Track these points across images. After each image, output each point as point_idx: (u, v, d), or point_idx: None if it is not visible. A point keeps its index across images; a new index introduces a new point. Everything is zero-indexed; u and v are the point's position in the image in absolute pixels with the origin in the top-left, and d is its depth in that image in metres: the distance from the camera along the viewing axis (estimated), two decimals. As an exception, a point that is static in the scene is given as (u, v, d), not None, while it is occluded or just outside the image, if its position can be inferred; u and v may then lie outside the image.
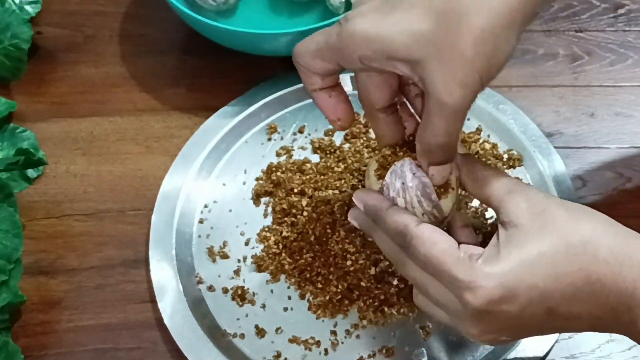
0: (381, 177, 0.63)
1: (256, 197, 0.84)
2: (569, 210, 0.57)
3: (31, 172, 0.86)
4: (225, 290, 0.78)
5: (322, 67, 0.60)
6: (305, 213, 0.80)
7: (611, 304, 0.55)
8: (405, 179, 0.60)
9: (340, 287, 0.76)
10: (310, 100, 0.90)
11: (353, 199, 0.64)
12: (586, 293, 0.55)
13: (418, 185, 0.60)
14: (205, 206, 0.84)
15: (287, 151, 0.88)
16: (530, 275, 0.54)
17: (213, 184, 0.86)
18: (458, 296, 0.56)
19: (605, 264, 0.54)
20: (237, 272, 0.80)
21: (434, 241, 0.57)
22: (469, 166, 0.62)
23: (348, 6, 0.92)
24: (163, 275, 0.78)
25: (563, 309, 0.55)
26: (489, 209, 0.82)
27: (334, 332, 0.76)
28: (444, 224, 0.63)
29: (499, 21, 0.54)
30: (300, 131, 0.90)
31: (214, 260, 0.81)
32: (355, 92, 0.64)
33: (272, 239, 0.81)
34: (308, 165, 0.85)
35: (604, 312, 0.55)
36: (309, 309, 0.77)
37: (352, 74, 0.72)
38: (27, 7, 0.99)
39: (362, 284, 0.75)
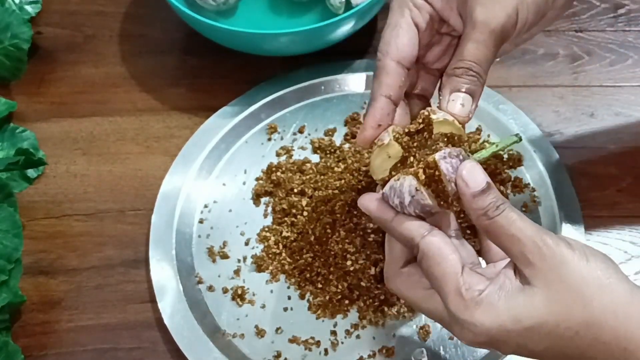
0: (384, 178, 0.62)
1: (256, 197, 0.84)
2: (585, 279, 0.54)
3: (31, 172, 0.86)
4: (225, 290, 0.78)
5: (403, 44, 0.62)
6: (305, 213, 0.80)
7: None
8: (404, 199, 0.59)
9: (340, 287, 0.76)
10: (310, 100, 0.91)
11: (358, 204, 0.63)
12: None
13: (417, 206, 0.58)
14: (205, 206, 0.84)
15: (287, 151, 0.88)
16: (519, 336, 0.54)
17: (213, 184, 0.86)
18: (449, 321, 0.57)
19: (606, 347, 0.53)
20: (237, 272, 0.80)
21: (439, 261, 0.56)
22: (478, 214, 0.57)
23: (348, 6, 0.92)
24: (163, 275, 0.78)
25: None
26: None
27: (334, 332, 0.76)
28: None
29: None
30: (300, 131, 0.90)
31: (214, 260, 0.81)
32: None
33: (272, 239, 0.81)
34: (308, 165, 0.85)
35: None
36: (309, 309, 0.77)
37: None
38: (27, 7, 0.99)
39: (362, 284, 0.75)
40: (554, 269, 0.54)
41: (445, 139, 0.60)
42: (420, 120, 0.61)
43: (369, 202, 0.62)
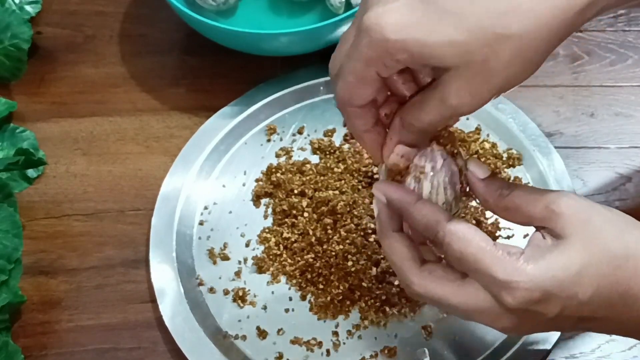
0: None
1: (256, 199, 0.84)
2: (612, 219, 0.56)
3: (31, 172, 0.86)
4: (226, 292, 0.78)
5: (365, 93, 0.57)
6: (305, 214, 0.80)
7: None
8: (436, 163, 0.59)
9: (341, 287, 0.76)
10: (309, 101, 0.91)
11: (373, 191, 0.61)
12: (621, 305, 0.55)
13: (447, 171, 0.59)
14: (205, 208, 0.84)
15: (287, 152, 0.88)
16: (571, 284, 0.54)
17: (213, 186, 0.86)
18: (495, 294, 0.55)
19: None
20: (237, 273, 0.80)
21: (470, 238, 0.56)
22: (494, 196, 0.59)
23: (348, 6, 0.92)
24: (164, 278, 0.78)
25: (596, 316, 0.56)
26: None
27: (335, 333, 0.76)
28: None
29: (534, 47, 0.53)
30: (300, 132, 0.90)
31: (214, 262, 0.80)
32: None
33: (273, 240, 0.81)
34: (308, 166, 0.85)
35: (634, 323, 0.56)
36: (311, 309, 0.77)
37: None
38: (27, 7, 0.99)
39: (364, 284, 0.76)
40: (582, 213, 0.55)
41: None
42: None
43: (387, 186, 0.60)
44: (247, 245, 0.81)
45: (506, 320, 0.56)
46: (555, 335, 0.74)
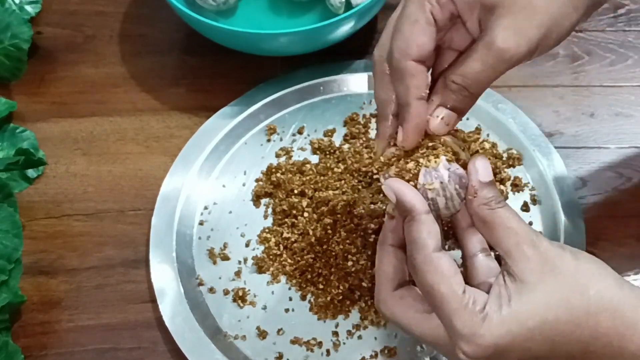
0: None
1: (256, 199, 0.84)
2: (578, 270, 0.56)
3: (31, 172, 0.86)
4: (226, 292, 0.78)
5: (421, 40, 0.58)
6: (305, 214, 0.80)
7: None
8: (443, 177, 0.58)
9: (341, 287, 0.76)
10: (309, 101, 0.91)
11: (384, 187, 0.59)
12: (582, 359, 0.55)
13: (455, 179, 0.58)
14: (205, 208, 0.84)
15: (287, 152, 0.88)
16: (525, 339, 0.54)
17: (213, 186, 0.86)
18: (453, 341, 0.56)
19: (605, 337, 0.54)
20: (237, 273, 0.80)
21: (446, 275, 0.55)
22: (481, 201, 0.58)
23: (348, 6, 0.92)
24: (164, 277, 0.78)
25: None
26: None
27: (335, 333, 0.76)
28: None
29: None
30: (300, 132, 0.90)
31: (214, 262, 0.80)
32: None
33: (273, 240, 0.81)
34: (308, 166, 0.85)
35: None
36: (310, 309, 0.77)
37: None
38: (27, 7, 0.99)
39: (364, 284, 0.75)
40: (549, 261, 0.55)
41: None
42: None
43: (401, 185, 0.58)
44: (247, 245, 0.81)
45: (470, 357, 0.56)
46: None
